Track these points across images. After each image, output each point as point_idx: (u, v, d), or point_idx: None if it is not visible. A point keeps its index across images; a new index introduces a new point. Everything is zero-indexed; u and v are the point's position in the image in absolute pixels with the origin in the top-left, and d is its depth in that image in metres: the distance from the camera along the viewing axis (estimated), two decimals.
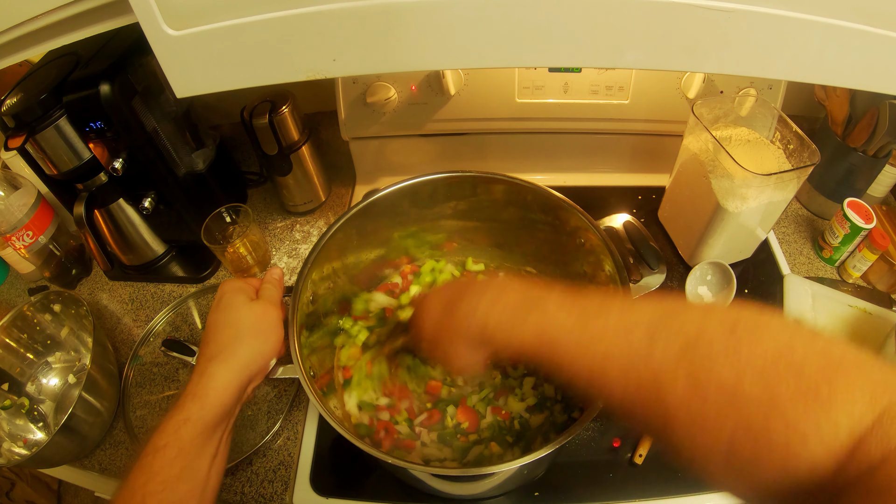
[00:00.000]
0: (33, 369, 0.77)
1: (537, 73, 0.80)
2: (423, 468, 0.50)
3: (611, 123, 0.85)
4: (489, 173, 0.66)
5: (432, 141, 0.91)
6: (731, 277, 0.75)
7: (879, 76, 0.42)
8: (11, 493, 1.41)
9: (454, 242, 0.75)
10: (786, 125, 0.69)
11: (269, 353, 0.53)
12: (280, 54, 0.44)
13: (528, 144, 0.92)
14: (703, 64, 0.42)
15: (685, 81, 0.79)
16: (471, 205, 0.70)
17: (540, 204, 0.66)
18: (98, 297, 0.88)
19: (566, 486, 0.62)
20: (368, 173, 0.97)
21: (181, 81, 0.46)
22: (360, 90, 0.82)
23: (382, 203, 0.66)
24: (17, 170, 0.83)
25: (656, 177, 0.91)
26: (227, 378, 0.49)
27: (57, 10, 0.44)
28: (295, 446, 0.68)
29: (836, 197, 0.85)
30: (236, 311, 0.54)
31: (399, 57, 0.43)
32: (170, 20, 0.41)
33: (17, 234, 0.80)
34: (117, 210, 0.81)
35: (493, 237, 0.74)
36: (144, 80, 0.71)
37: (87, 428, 0.67)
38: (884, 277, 0.78)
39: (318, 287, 0.62)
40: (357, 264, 0.70)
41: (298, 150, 0.87)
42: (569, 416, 0.61)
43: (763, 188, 0.67)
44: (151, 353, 0.79)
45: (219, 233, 0.70)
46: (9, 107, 0.68)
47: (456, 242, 0.76)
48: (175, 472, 0.44)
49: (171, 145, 0.78)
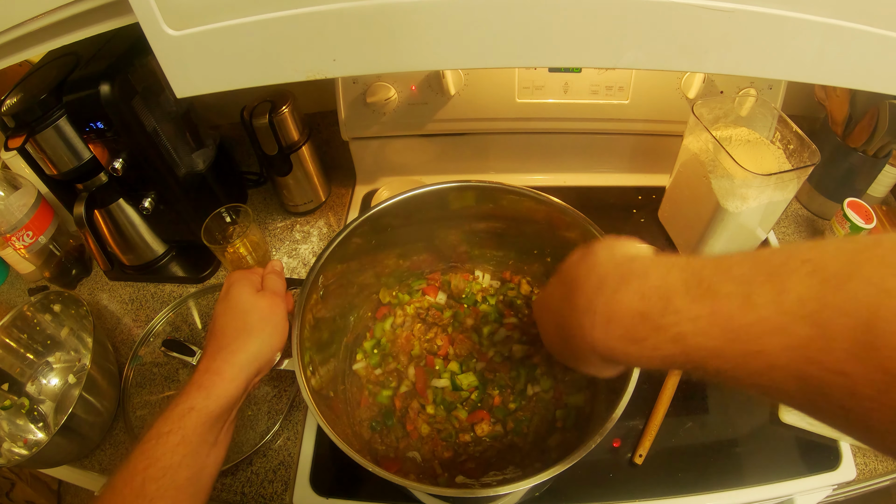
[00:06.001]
0: (33, 369, 0.77)
1: (537, 73, 0.80)
2: (424, 487, 0.49)
3: (611, 123, 0.85)
4: (509, 186, 0.64)
5: (432, 141, 0.91)
6: None
7: (879, 76, 0.42)
8: (11, 493, 1.41)
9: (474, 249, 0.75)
10: (786, 125, 0.69)
11: (276, 345, 0.54)
12: (280, 54, 0.44)
13: (528, 144, 0.92)
14: (703, 64, 0.42)
15: (685, 81, 0.79)
16: (490, 214, 0.69)
17: (554, 217, 0.64)
18: (98, 297, 0.88)
19: (566, 486, 0.62)
20: (368, 173, 0.97)
21: (181, 81, 0.46)
22: (360, 90, 0.82)
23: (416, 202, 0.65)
24: (17, 170, 0.83)
25: (656, 177, 0.91)
26: (234, 370, 0.50)
27: (57, 10, 0.44)
28: (295, 446, 0.68)
29: (836, 197, 0.85)
30: (244, 304, 0.54)
31: (399, 57, 0.43)
32: (170, 20, 0.41)
33: (17, 235, 0.80)
34: (117, 210, 0.81)
35: (508, 246, 0.73)
36: (144, 80, 0.71)
37: (87, 428, 0.67)
38: None
39: (328, 280, 0.62)
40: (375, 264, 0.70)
41: (298, 150, 0.87)
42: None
43: (763, 188, 0.67)
44: (151, 353, 0.79)
45: (219, 233, 0.70)
46: (9, 107, 0.68)
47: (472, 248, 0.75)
48: (176, 459, 0.44)
49: (171, 145, 0.78)
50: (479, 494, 0.48)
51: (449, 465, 0.60)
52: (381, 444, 0.61)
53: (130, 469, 0.43)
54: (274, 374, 0.74)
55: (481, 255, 0.74)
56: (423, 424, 0.62)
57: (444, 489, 0.54)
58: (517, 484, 0.45)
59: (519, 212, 0.66)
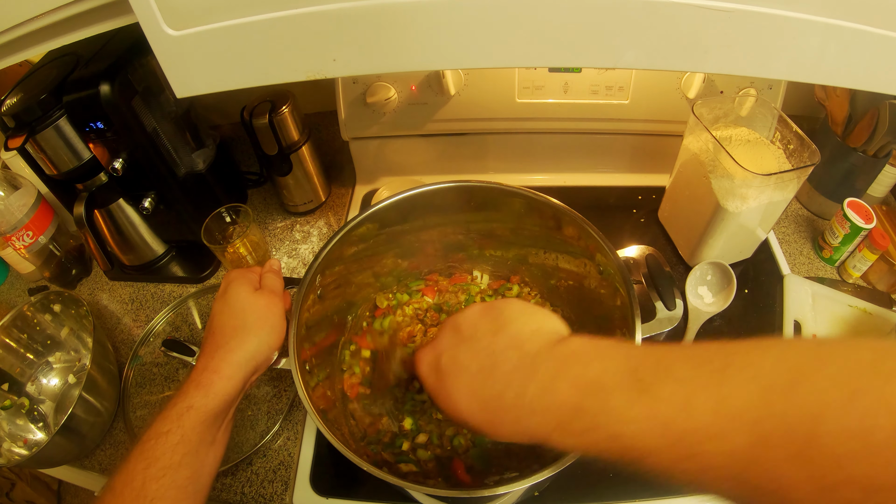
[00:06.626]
0: (33, 369, 0.77)
1: (537, 73, 0.80)
2: (422, 487, 0.48)
3: (611, 123, 0.85)
4: (509, 186, 0.64)
5: (432, 141, 0.91)
6: (731, 277, 0.75)
7: (879, 76, 0.42)
8: (11, 493, 1.41)
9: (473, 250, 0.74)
10: (786, 125, 0.69)
11: (274, 344, 0.54)
12: (280, 54, 0.44)
13: (528, 144, 0.92)
14: (703, 64, 0.42)
15: (685, 81, 0.79)
16: (489, 214, 0.69)
17: (556, 219, 0.64)
18: (98, 297, 0.88)
19: (566, 486, 0.62)
20: (368, 173, 0.97)
21: (181, 81, 0.46)
22: (360, 90, 0.82)
23: (416, 201, 0.64)
24: (17, 170, 0.83)
25: (656, 177, 0.91)
26: (232, 368, 0.50)
27: (57, 10, 0.44)
28: (295, 446, 0.68)
29: (836, 197, 0.85)
30: (242, 302, 0.54)
31: (399, 57, 0.43)
32: (170, 20, 0.41)
33: (17, 234, 0.80)
34: (117, 210, 0.81)
35: (507, 247, 0.73)
36: (144, 80, 0.71)
37: (87, 428, 0.67)
38: (884, 277, 0.78)
39: (325, 279, 0.62)
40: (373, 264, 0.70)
41: (298, 150, 0.87)
42: None
43: (763, 188, 0.67)
44: (151, 353, 0.79)
45: (219, 233, 0.70)
46: (9, 107, 0.68)
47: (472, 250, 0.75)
48: (176, 458, 0.44)
49: (171, 145, 0.78)
50: (477, 494, 0.48)
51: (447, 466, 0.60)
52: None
53: (130, 470, 0.43)
54: (273, 374, 0.74)
55: (480, 256, 0.74)
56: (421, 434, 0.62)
57: (442, 489, 0.54)
58: (515, 484, 0.45)
59: (518, 212, 0.66)
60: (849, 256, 0.81)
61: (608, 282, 0.59)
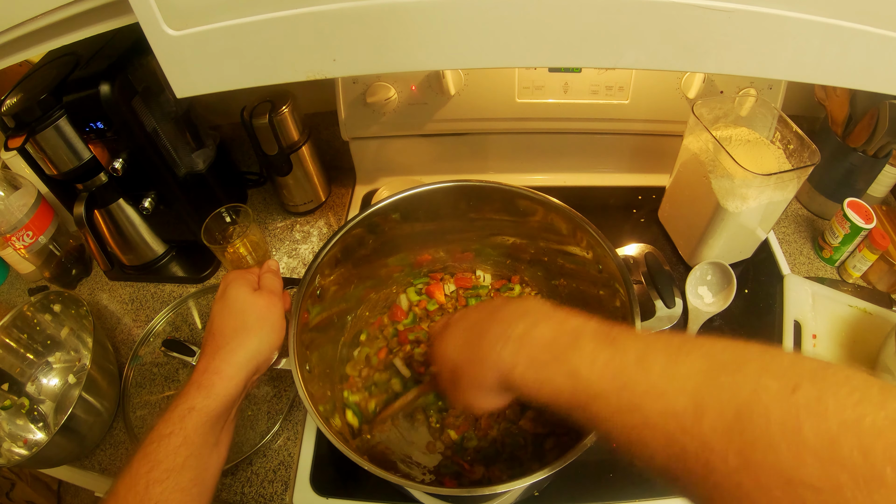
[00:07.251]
0: (33, 369, 0.77)
1: (537, 73, 0.80)
2: (423, 486, 0.48)
3: (611, 123, 0.85)
4: (509, 186, 0.64)
5: (432, 141, 0.91)
6: (731, 277, 0.75)
7: (879, 76, 0.42)
8: (11, 493, 1.41)
9: (469, 252, 0.75)
10: (786, 125, 0.69)
11: (274, 344, 0.54)
12: (280, 54, 0.44)
13: (528, 144, 0.92)
14: (703, 64, 0.42)
15: (685, 81, 0.79)
16: (490, 214, 0.69)
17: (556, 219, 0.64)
18: (98, 297, 0.88)
19: (566, 486, 0.62)
20: (368, 173, 0.97)
21: (181, 81, 0.46)
22: (360, 90, 0.82)
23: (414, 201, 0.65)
24: (17, 170, 0.83)
25: (656, 177, 0.91)
26: (233, 369, 0.50)
27: (57, 10, 0.44)
28: (295, 446, 0.68)
29: (836, 197, 0.85)
30: (242, 303, 0.54)
31: (399, 57, 0.43)
32: (170, 20, 0.41)
33: (17, 234, 0.80)
34: (117, 210, 0.81)
35: (507, 247, 0.73)
36: (144, 80, 0.71)
37: (87, 428, 0.67)
38: (884, 277, 0.78)
39: (325, 279, 0.62)
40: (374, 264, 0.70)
41: (298, 150, 0.87)
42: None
43: (763, 188, 0.67)
44: (151, 353, 0.79)
45: (219, 233, 0.70)
46: (9, 107, 0.68)
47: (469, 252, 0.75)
48: (179, 460, 0.44)
49: (171, 145, 0.78)
50: (477, 493, 0.48)
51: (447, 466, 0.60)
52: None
53: (133, 473, 0.42)
54: (273, 375, 0.74)
55: (480, 256, 0.74)
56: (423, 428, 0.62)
57: (442, 488, 0.54)
58: (515, 482, 0.45)
59: (518, 212, 0.66)
60: (849, 256, 0.81)
61: (608, 281, 0.60)
